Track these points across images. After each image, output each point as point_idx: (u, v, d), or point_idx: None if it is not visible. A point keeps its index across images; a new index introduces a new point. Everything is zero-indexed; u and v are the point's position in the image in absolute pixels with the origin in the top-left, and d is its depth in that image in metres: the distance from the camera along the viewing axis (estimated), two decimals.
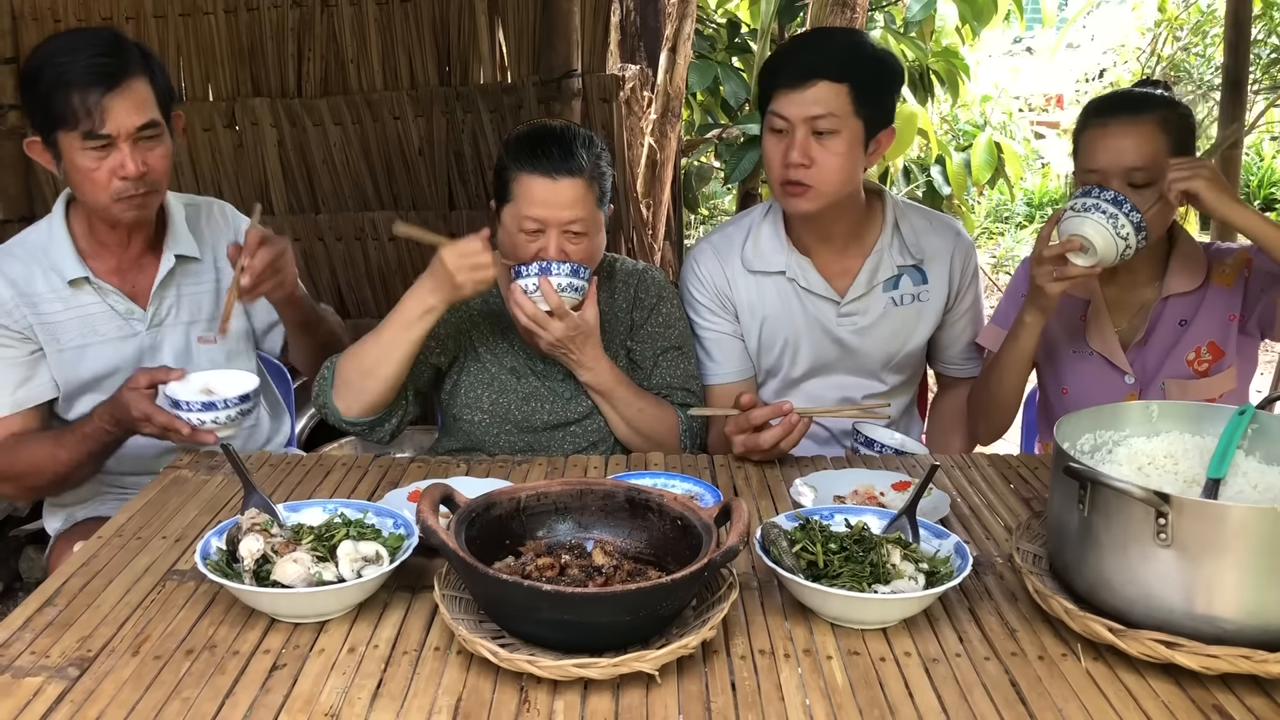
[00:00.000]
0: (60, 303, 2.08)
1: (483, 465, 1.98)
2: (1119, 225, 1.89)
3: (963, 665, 1.29)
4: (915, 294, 2.27)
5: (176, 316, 2.18)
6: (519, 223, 1.99)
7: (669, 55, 5.17)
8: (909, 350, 2.31)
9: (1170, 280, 2.13)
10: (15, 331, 2.05)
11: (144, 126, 1.96)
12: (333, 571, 1.39)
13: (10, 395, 2.06)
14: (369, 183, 3.94)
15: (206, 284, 2.21)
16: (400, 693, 1.22)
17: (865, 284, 2.23)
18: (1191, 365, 2.13)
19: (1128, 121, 2.01)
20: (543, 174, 1.96)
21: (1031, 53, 12.99)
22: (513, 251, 2.02)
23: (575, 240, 1.99)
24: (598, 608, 1.23)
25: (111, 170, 1.95)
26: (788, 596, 1.43)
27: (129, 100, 1.94)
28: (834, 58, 2.05)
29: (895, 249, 2.25)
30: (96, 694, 1.22)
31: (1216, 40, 8.47)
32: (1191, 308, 2.13)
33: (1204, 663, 1.22)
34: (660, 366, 2.19)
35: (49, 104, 1.93)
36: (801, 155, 2.05)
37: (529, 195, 1.98)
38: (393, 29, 3.79)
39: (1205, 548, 1.21)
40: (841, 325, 2.25)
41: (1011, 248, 9.31)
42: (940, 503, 1.71)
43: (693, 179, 6.41)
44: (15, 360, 2.06)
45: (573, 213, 1.97)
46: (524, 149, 2.00)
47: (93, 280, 2.09)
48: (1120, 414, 1.55)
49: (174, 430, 1.91)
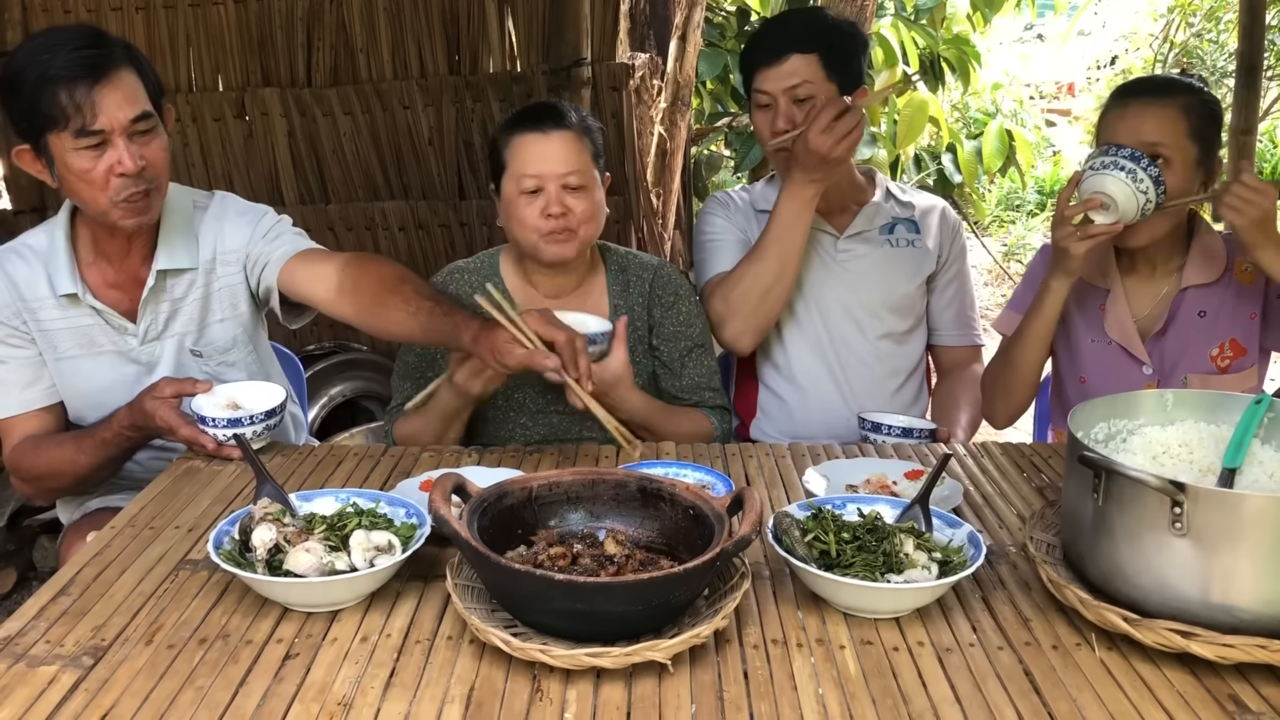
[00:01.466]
0: (58, 311, 2.03)
1: (494, 455, 1.97)
2: (1138, 179, 1.90)
3: (976, 655, 1.28)
4: (910, 240, 2.42)
5: (171, 329, 2.11)
6: (518, 184, 2.02)
7: (679, 43, 5.16)
8: (906, 291, 2.41)
9: (1190, 271, 2.11)
10: (23, 332, 2.03)
11: (138, 118, 1.88)
12: (345, 561, 1.39)
13: (17, 395, 2.04)
14: (379, 172, 3.94)
15: (195, 293, 2.11)
16: (413, 682, 1.23)
17: (863, 225, 2.39)
18: (1215, 361, 2.11)
19: (1149, 102, 2.01)
20: (534, 130, 2.02)
21: (1043, 40, 12.93)
22: (516, 223, 2.03)
23: (575, 195, 2.02)
24: (610, 597, 1.22)
25: (108, 168, 1.87)
26: (800, 586, 1.43)
27: (119, 92, 1.86)
28: (800, 32, 2.24)
29: (889, 204, 2.43)
30: (111, 683, 1.22)
31: (1230, 26, 8.42)
32: (1211, 300, 2.11)
33: (1220, 652, 1.21)
34: (688, 366, 2.19)
35: (35, 105, 1.84)
36: (786, 122, 2.23)
37: (523, 153, 2.02)
38: (402, 18, 3.79)
39: (1221, 537, 1.20)
40: (840, 258, 2.39)
41: (1023, 236, 9.27)
42: (953, 492, 1.70)
43: (703, 167, 6.40)
44: (25, 360, 2.04)
45: (568, 165, 2.01)
46: (514, 118, 2.08)
47: (84, 298, 2.03)
48: (1135, 402, 1.54)
49: (198, 444, 1.91)
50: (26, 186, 4.01)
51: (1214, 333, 2.11)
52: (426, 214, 3.93)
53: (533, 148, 2.02)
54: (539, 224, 2.00)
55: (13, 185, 4.05)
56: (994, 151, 7.28)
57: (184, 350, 2.13)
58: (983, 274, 8.18)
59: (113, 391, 2.05)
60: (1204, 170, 2.03)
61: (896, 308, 2.41)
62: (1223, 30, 8.72)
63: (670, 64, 5.15)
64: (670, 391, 2.20)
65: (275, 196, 3.99)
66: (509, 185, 2.04)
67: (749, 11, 6.48)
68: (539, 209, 2.00)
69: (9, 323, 2.02)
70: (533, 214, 2.00)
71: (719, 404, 2.21)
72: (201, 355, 2.14)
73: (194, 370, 2.13)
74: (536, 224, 2.01)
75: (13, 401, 2.05)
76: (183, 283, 2.11)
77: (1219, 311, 2.11)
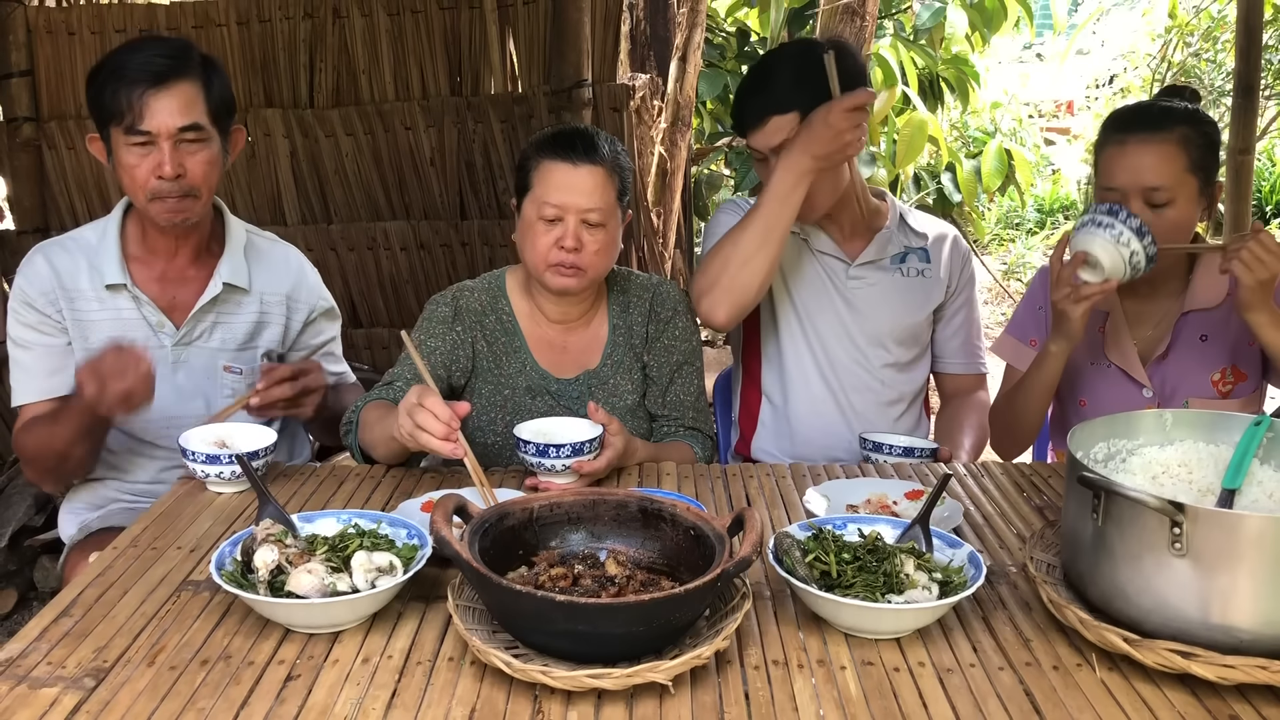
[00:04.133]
0: (97, 303, 2.11)
1: (495, 476, 1.98)
2: (1120, 237, 1.87)
3: (977, 675, 1.28)
4: (920, 269, 2.40)
5: (207, 340, 2.18)
6: (539, 209, 2.00)
7: (679, 64, 5.19)
8: (914, 321, 2.39)
9: (1193, 295, 2.11)
10: (55, 320, 2.11)
11: (186, 128, 1.98)
12: (347, 582, 1.39)
13: (42, 381, 2.11)
14: (381, 193, 3.95)
15: (246, 315, 2.21)
16: (414, 703, 1.23)
17: (875, 254, 2.37)
18: (1216, 386, 2.10)
19: (1146, 139, 1.98)
20: (564, 160, 1.99)
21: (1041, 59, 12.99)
22: (529, 246, 2.03)
23: (592, 231, 2.00)
24: (611, 618, 1.23)
25: (150, 168, 1.99)
26: (801, 607, 1.43)
27: (174, 100, 1.97)
28: (776, 94, 2.18)
29: (902, 233, 2.40)
30: (112, 704, 1.22)
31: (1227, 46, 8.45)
32: (1213, 324, 2.10)
33: (1220, 673, 1.21)
34: (675, 384, 2.19)
35: (102, 97, 1.99)
36: None
37: (549, 180, 2.00)
38: (404, 40, 3.82)
39: (1221, 557, 1.21)
40: (851, 285, 2.36)
41: (1022, 254, 9.29)
42: (953, 512, 1.71)
43: (703, 187, 6.42)
44: (52, 348, 2.11)
45: (591, 200, 1.99)
46: (547, 140, 2.04)
47: (130, 288, 2.11)
48: (1134, 423, 1.54)
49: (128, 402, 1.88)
50: (30, 207, 4.03)
51: (1216, 357, 2.10)
52: (428, 234, 3.94)
53: (559, 176, 1.99)
54: (551, 254, 2.00)
55: (16, 206, 4.07)
56: (993, 170, 7.30)
57: (217, 364, 2.19)
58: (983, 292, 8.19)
59: None
60: (1205, 198, 2.02)
61: (902, 339, 2.39)
62: (1220, 50, 8.76)
63: (670, 84, 5.18)
64: (653, 409, 2.20)
65: (278, 217, 4.01)
66: (530, 208, 2.03)
67: (749, 32, 6.52)
68: (554, 239, 1.99)
69: (44, 310, 2.10)
70: (547, 242, 1.99)
71: (699, 426, 2.20)
72: (240, 373, 2.21)
73: (224, 384, 2.18)
74: (548, 253, 2.00)
75: (35, 388, 2.11)
76: (236, 300, 2.20)
77: (1221, 336, 2.10)
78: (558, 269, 2.00)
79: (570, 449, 1.83)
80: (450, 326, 2.10)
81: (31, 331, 2.10)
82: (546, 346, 2.14)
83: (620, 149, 2.07)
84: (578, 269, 2.00)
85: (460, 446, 1.64)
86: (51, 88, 4.00)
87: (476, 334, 2.12)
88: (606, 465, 1.88)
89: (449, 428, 1.63)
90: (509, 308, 2.13)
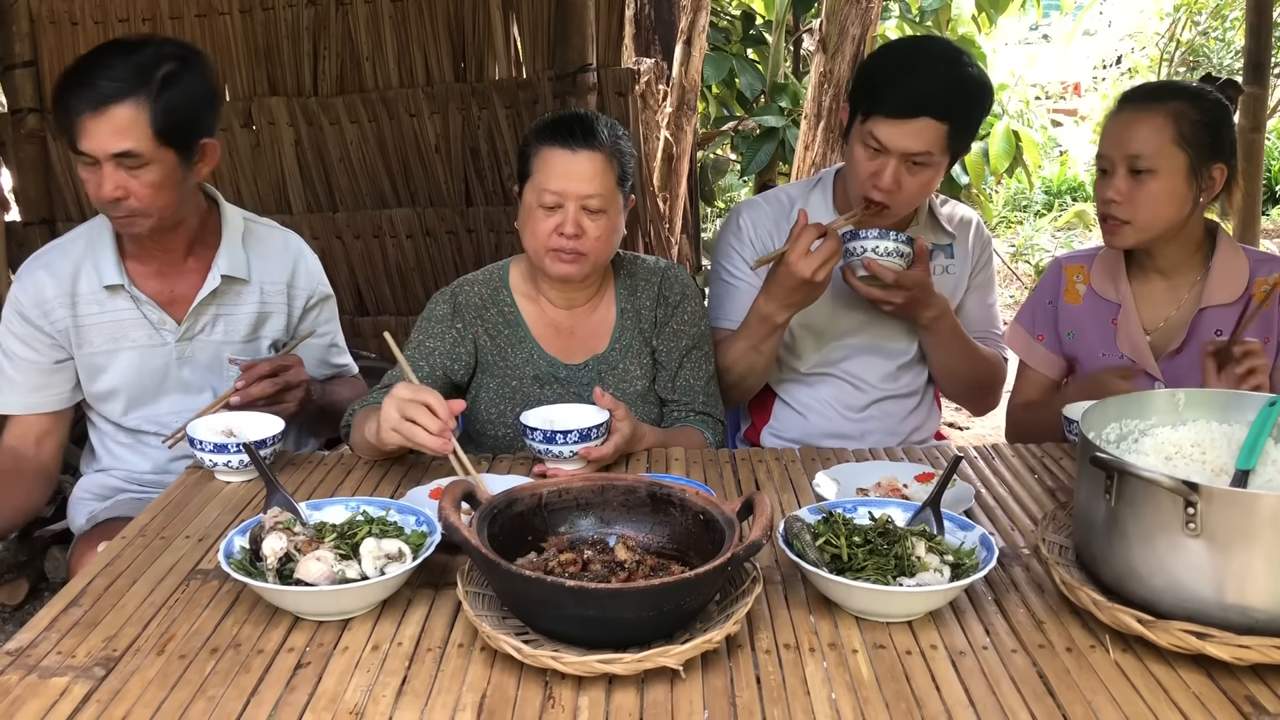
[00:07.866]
0: (96, 305, 2.10)
1: (504, 462, 1.97)
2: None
3: (990, 658, 1.28)
4: (945, 266, 2.37)
5: (210, 334, 2.18)
6: (538, 196, 1.99)
7: (684, 48, 5.16)
8: None
9: (1210, 290, 2.08)
10: (48, 335, 2.09)
11: (121, 155, 1.93)
12: (356, 569, 1.39)
13: (23, 397, 2.12)
14: (386, 180, 3.94)
15: (248, 306, 2.20)
16: (424, 690, 1.22)
17: None
18: None
19: (1139, 108, 2.01)
20: (563, 146, 1.98)
21: (1048, 40, 12.92)
22: (530, 233, 2.02)
23: (593, 217, 1.98)
24: (621, 603, 1.22)
25: (95, 186, 1.97)
26: (812, 590, 1.42)
27: (108, 125, 1.92)
28: (940, 96, 2.06)
29: (930, 229, 2.36)
30: (122, 693, 1.22)
31: (1236, 24, 8.39)
32: (1229, 319, 2.06)
33: (1235, 653, 1.21)
34: (685, 368, 2.17)
35: (55, 109, 1.98)
36: (891, 182, 2.11)
37: (548, 167, 1.98)
38: (408, 26, 3.80)
39: (1235, 537, 1.20)
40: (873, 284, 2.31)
41: (1030, 236, 9.25)
42: (964, 494, 1.70)
43: (709, 172, 6.40)
44: (37, 365, 2.10)
45: (591, 186, 1.97)
46: (547, 126, 2.03)
47: (128, 288, 2.10)
48: (1146, 402, 1.53)
49: None
50: (36, 199, 4.02)
51: None
52: (434, 221, 3.93)
53: (558, 163, 1.97)
54: (551, 240, 1.99)
55: (22, 198, 4.06)
56: (1001, 152, 7.26)
57: (222, 357, 2.19)
58: None
59: (139, 386, 2.14)
60: (1200, 177, 1.99)
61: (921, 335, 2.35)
62: (1229, 28, 8.70)
63: (675, 69, 5.16)
64: (663, 394, 2.19)
65: (283, 205, 4.00)
66: (530, 194, 2.02)
67: (753, 15, 6.49)
68: (554, 225, 1.98)
69: (36, 322, 2.09)
70: (547, 229, 1.98)
71: (710, 411, 2.19)
72: None
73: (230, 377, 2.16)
74: (548, 239, 1.99)
75: (15, 402, 2.12)
76: (236, 291, 2.19)
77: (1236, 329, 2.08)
78: (558, 255, 1.99)
79: (577, 435, 1.82)
80: (449, 324, 2.09)
81: (19, 344, 2.10)
82: (553, 332, 2.13)
83: (621, 134, 2.06)
84: (578, 254, 1.99)
85: (450, 443, 1.65)
86: (55, 78, 3.97)
87: (478, 329, 2.11)
88: (614, 451, 1.88)
89: (444, 425, 1.64)
90: (510, 299, 2.12)
